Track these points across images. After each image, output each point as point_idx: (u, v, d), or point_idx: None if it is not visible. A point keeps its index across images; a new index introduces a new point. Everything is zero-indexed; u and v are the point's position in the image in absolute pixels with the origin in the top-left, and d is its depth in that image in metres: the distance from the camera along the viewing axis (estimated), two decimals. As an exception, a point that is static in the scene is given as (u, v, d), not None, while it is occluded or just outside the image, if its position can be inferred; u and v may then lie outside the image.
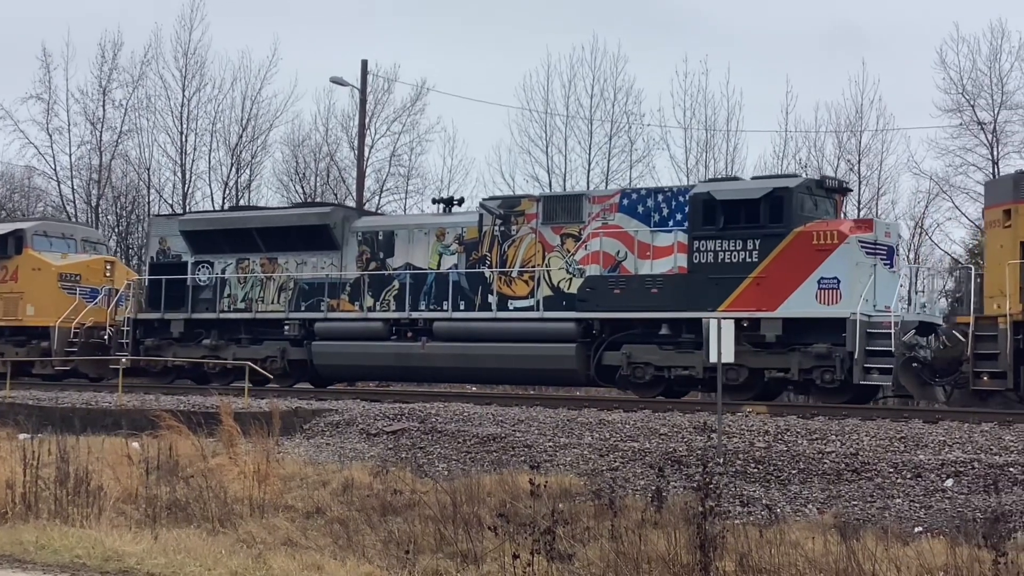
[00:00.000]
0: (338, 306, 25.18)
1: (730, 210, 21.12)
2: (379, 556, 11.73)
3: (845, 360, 19.85)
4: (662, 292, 21.60)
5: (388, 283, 24.78)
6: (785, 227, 20.65)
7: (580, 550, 11.38)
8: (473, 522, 12.43)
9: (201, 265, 27.18)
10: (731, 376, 20.61)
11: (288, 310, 25.66)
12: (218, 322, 26.65)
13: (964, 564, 9.99)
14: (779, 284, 20.56)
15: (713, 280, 21.09)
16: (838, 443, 15.65)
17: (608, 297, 22.17)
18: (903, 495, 13.61)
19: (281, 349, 25.71)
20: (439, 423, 18.63)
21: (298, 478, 16.03)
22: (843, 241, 20.29)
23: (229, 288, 26.74)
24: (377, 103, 43.39)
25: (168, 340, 27.19)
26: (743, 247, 20.95)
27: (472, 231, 24.16)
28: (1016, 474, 13.63)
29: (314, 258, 25.76)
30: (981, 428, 16.08)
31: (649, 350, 21.71)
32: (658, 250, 21.97)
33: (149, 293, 27.75)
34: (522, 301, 23.27)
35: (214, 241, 27.03)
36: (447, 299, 23.91)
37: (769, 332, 20.56)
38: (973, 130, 37.14)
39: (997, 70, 37.19)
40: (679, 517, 11.97)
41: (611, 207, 22.69)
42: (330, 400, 22.02)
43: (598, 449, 16.36)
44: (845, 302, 19.99)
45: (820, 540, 11.35)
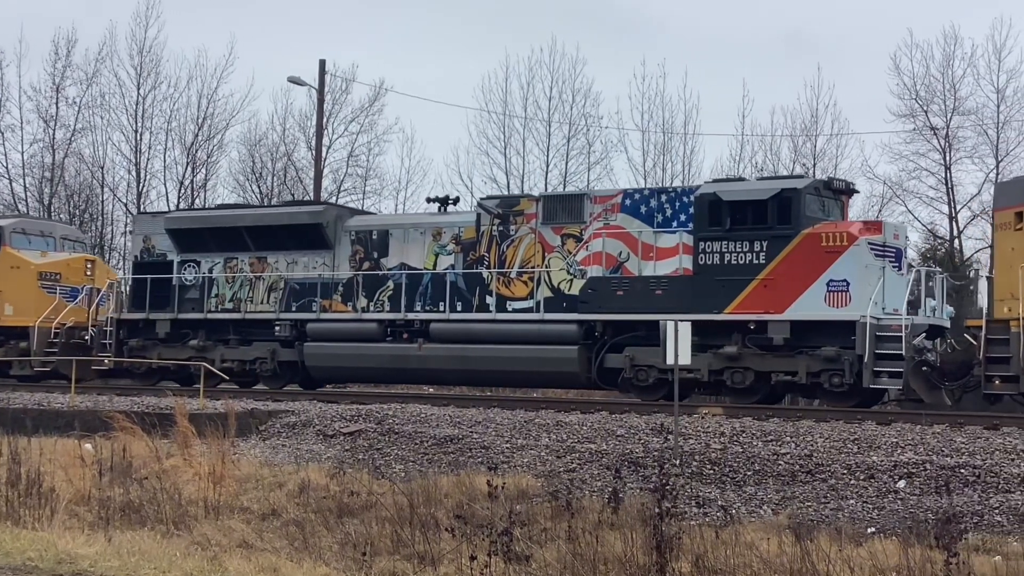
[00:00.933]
0: (330, 307, 24.78)
1: (737, 211, 20.88)
2: (336, 558, 11.69)
3: (854, 364, 19.65)
4: (667, 293, 21.32)
5: (382, 283, 24.39)
6: (793, 228, 20.43)
7: (537, 551, 11.40)
8: (430, 524, 12.42)
9: (187, 264, 26.59)
10: (737, 379, 20.61)
11: (279, 310, 25.22)
12: (205, 322, 26.10)
13: (916, 565, 10.09)
14: (787, 286, 20.32)
15: (719, 282, 20.80)
16: (793, 445, 15.77)
17: (611, 299, 21.87)
18: (856, 496, 13.73)
19: (271, 350, 25.25)
20: (396, 424, 18.58)
21: (254, 480, 15.93)
22: (853, 243, 20.07)
23: (217, 288, 26.21)
24: (335, 103, 43.23)
25: (153, 341, 26.57)
26: (750, 248, 20.70)
27: (470, 231, 23.78)
28: (967, 476, 13.80)
29: (305, 257, 25.32)
30: (933, 430, 16.25)
31: (653, 352, 20.91)
32: (661, 251, 21.68)
33: (133, 293, 27.12)
34: (521, 302, 22.95)
35: (201, 239, 26.41)
36: (444, 300, 23.54)
37: (777, 335, 20.35)
38: (926, 135, 37.53)
39: (950, 76, 37.63)
40: (636, 518, 12.02)
41: (613, 207, 22.39)
42: (286, 401, 21.90)
43: (555, 451, 16.40)
44: (855, 305, 19.76)
45: (775, 541, 11.43)
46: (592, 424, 17.85)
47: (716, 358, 20.78)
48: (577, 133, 41.50)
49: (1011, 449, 14.85)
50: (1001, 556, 11.04)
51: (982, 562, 10.63)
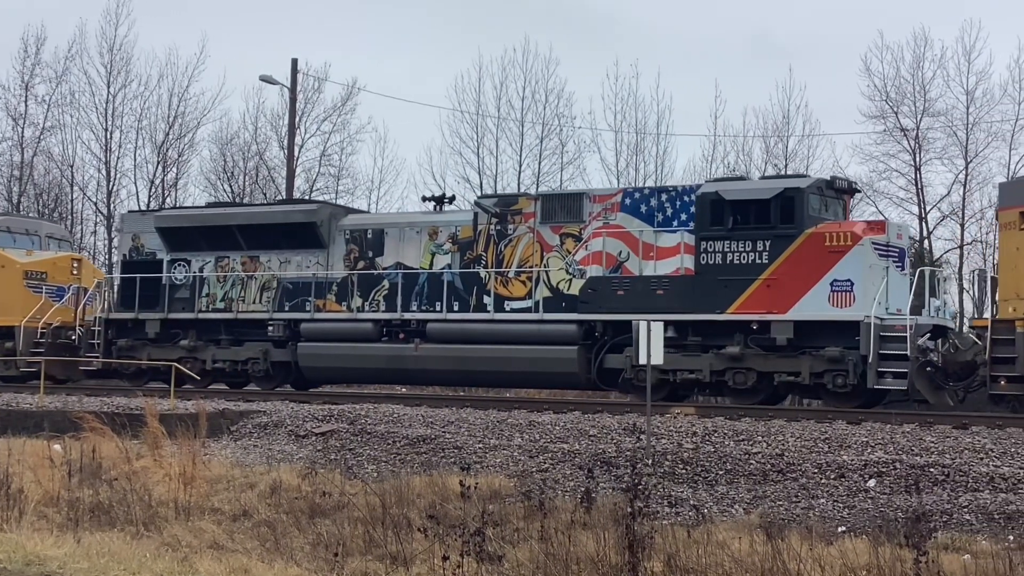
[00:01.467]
0: (324, 306, 24.46)
1: (739, 210, 20.73)
2: (307, 559, 11.65)
3: (858, 364, 19.51)
4: (668, 293, 21.12)
5: (378, 283, 24.09)
6: (796, 228, 20.29)
7: (510, 551, 11.40)
8: (403, 524, 12.39)
9: (177, 263, 26.17)
10: (739, 380, 20.46)
11: (272, 310, 24.87)
12: (196, 322, 25.70)
13: (886, 563, 10.15)
14: (790, 286, 20.17)
15: (722, 281, 20.64)
16: (764, 444, 15.84)
17: (611, 298, 21.65)
18: (827, 495, 13.80)
19: (264, 350, 24.90)
20: (369, 424, 18.54)
21: (225, 480, 15.85)
22: (857, 243, 19.94)
23: (208, 287, 25.82)
24: (307, 102, 43.07)
25: (142, 341, 26.13)
26: (753, 248, 20.55)
27: (467, 230, 23.50)
28: (936, 475, 13.90)
29: (299, 257, 24.98)
30: (903, 429, 16.37)
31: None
32: (662, 250, 21.47)
33: (121, 292, 26.67)
34: (519, 302, 22.69)
35: (192, 238, 26.04)
36: (440, 300, 23.27)
37: (780, 335, 20.18)
38: (896, 136, 37.83)
39: (920, 77, 37.93)
40: (608, 518, 12.04)
41: (613, 206, 22.18)
42: (258, 402, 21.79)
43: (528, 451, 16.40)
44: (859, 305, 19.63)
45: (746, 540, 11.48)
46: (565, 424, 17.87)
47: (718, 359, 20.64)
48: (550, 133, 41.58)
49: (980, 448, 14.98)
50: (970, 555, 11.12)
51: (951, 560, 10.70)
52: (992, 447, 15.02)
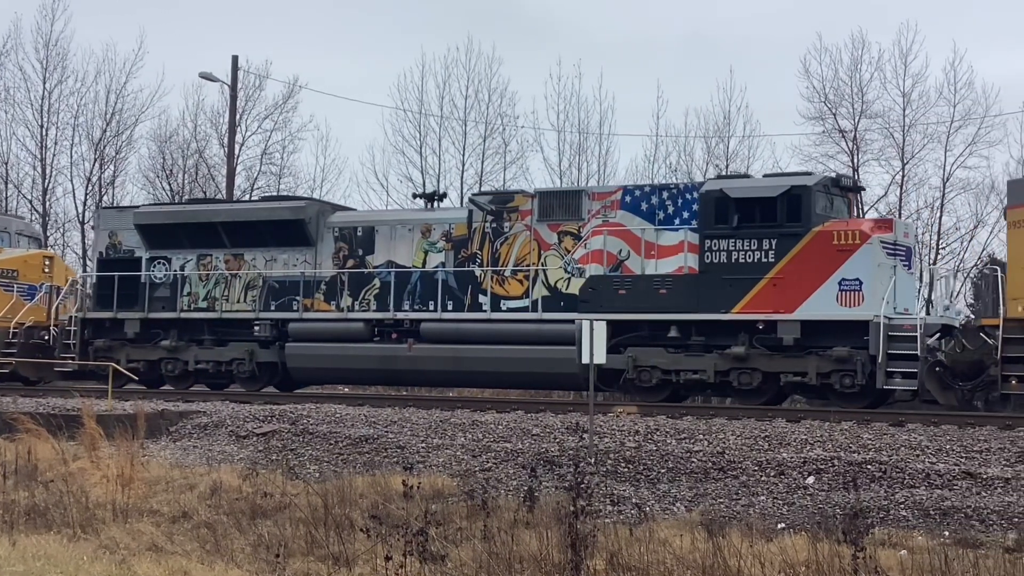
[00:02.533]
0: (312, 305, 24.02)
1: (745, 208, 20.50)
2: (248, 560, 11.56)
3: (866, 364, 19.38)
4: (671, 293, 20.89)
5: (368, 281, 23.70)
6: (803, 226, 20.11)
7: (453, 551, 11.39)
8: (345, 524, 12.33)
9: (157, 261, 25.60)
10: (744, 380, 20.29)
11: (258, 310, 24.41)
12: (178, 322, 25.13)
13: (825, 559, 10.27)
14: (797, 285, 19.99)
15: (727, 280, 20.43)
16: (705, 442, 15.95)
17: (613, 298, 21.39)
18: (767, 492, 13.92)
19: (249, 351, 24.38)
20: (311, 424, 18.42)
21: (164, 482, 15.66)
22: (865, 241, 19.78)
23: (190, 286, 25.25)
24: (248, 100, 42.61)
25: (121, 341, 25.52)
26: (758, 247, 20.35)
27: (461, 227, 23.17)
28: (874, 471, 14.09)
29: (285, 255, 24.49)
30: (841, 427, 16.58)
31: (656, 353, 20.94)
32: (663, 249, 21.30)
33: (98, 291, 26.02)
34: (516, 301, 22.36)
35: (173, 235, 25.43)
36: (434, 299, 22.93)
37: (787, 335, 20.01)
38: (835, 138, 38.26)
39: (858, 80, 38.36)
40: (551, 517, 12.07)
41: (612, 204, 21.95)
42: (198, 402, 21.57)
43: (471, 450, 16.39)
44: (868, 304, 19.49)
45: (688, 538, 11.57)
46: (508, 423, 17.89)
47: (722, 359, 20.48)
48: (493, 132, 41.49)
49: (916, 445, 15.22)
50: (907, 550, 11.28)
51: (888, 556, 10.85)
52: (928, 444, 15.26)
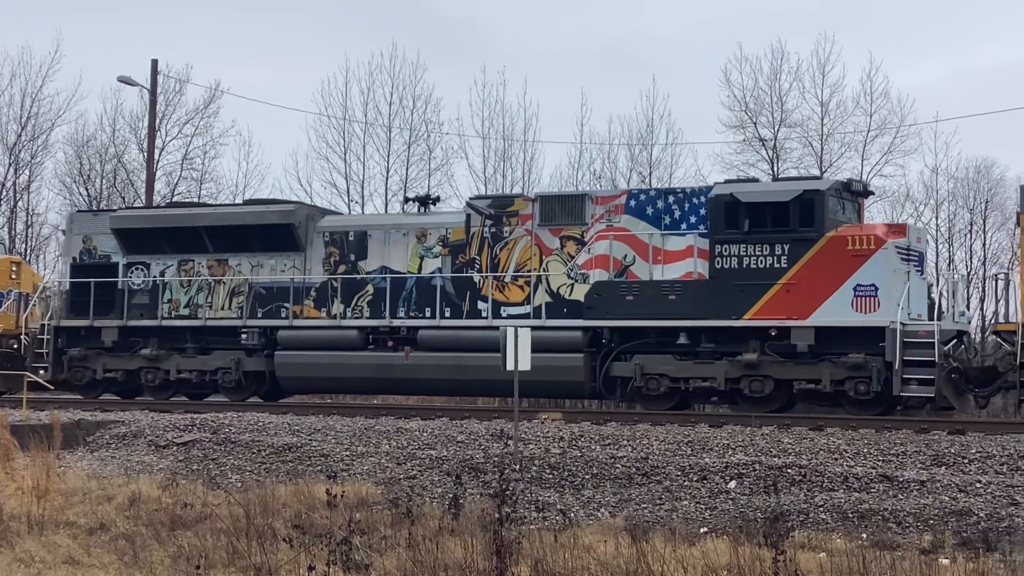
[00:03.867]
0: (302, 312, 23.39)
1: (756, 213, 20.17)
2: (168, 572, 11.38)
3: (882, 371, 19.13)
4: (680, 299, 20.56)
5: (361, 288, 23.13)
6: (816, 231, 19.84)
7: (377, 559, 11.32)
8: (267, 534, 12.19)
9: (135, 267, 24.80)
10: (755, 388, 19.99)
11: (245, 317, 23.74)
12: (158, 330, 24.35)
13: (746, 563, 10.38)
14: (811, 291, 19.70)
15: (738, 287, 20.11)
16: (629, 448, 16.07)
17: (619, 304, 20.95)
18: (690, 497, 14.06)
19: (235, 360, 23.67)
20: (232, 433, 18.22)
21: (81, 493, 15.37)
22: (881, 247, 19.55)
23: (170, 292, 24.49)
24: (168, 104, 42.05)
25: (97, 350, 24.65)
26: (771, 252, 19.99)
27: (458, 232, 22.66)
28: (794, 475, 14.29)
29: (272, 260, 23.83)
30: (762, 432, 16.81)
31: (664, 360, 20.60)
32: (670, 254, 20.97)
33: (71, 298, 25.13)
34: (517, 308, 21.86)
35: (152, 240, 24.65)
36: (431, 305, 22.40)
37: (800, 341, 19.72)
38: (755, 146, 38.88)
39: (777, 89, 39.04)
40: (476, 524, 12.06)
41: (616, 208, 21.59)
42: (116, 411, 21.21)
43: (396, 457, 16.33)
44: (883, 310, 19.23)
45: (612, 543, 11.63)
46: (433, 430, 17.85)
47: (733, 366, 20.16)
48: (418, 139, 41.44)
49: (834, 449, 15.48)
50: (826, 553, 11.44)
51: (808, 559, 10.99)
52: (846, 448, 15.53)
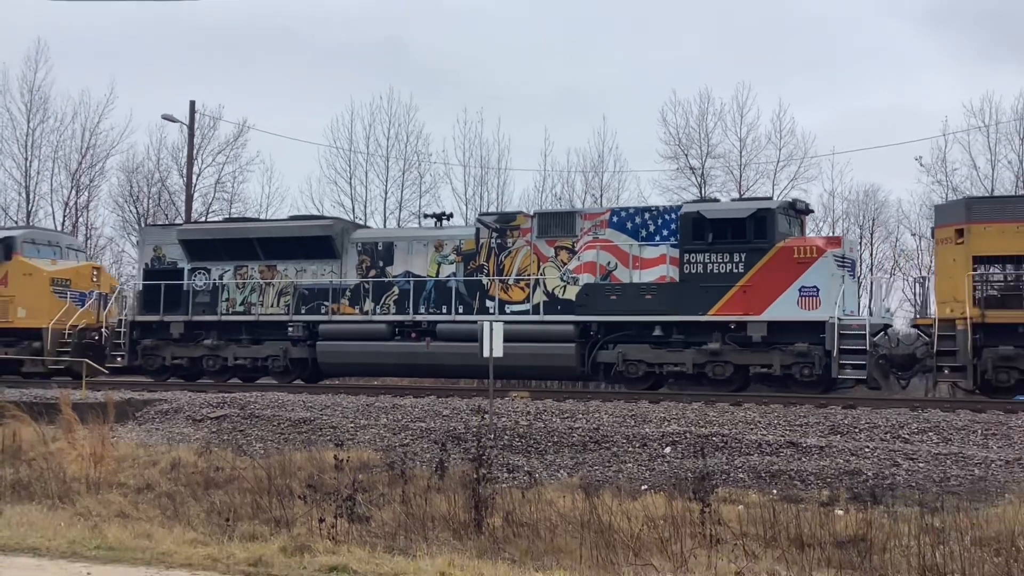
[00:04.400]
0: (338, 309, 23.22)
1: (718, 227, 20.27)
2: (202, 524, 11.30)
3: (822, 358, 19.29)
4: (656, 298, 20.54)
5: (388, 289, 22.95)
6: (768, 242, 19.95)
7: (376, 513, 11.29)
8: (285, 493, 12.13)
9: (198, 271, 24.74)
10: (718, 371, 20.05)
11: (291, 313, 23.54)
12: (218, 324, 24.28)
13: (679, 514, 10.42)
14: (763, 292, 19.80)
15: (703, 288, 20.17)
16: (584, 420, 16.08)
17: (605, 302, 20.92)
18: (633, 460, 14.09)
19: (283, 349, 23.54)
20: (257, 409, 18.09)
21: (130, 459, 15.24)
22: (821, 255, 19.66)
23: (228, 292, 24.38)
24: (204, 137, 41.62)
25: (166, 340, 24.63)
26: (730, 259, 20.13)
27: (469, 243, 22.61)
28: (718, 442, 14.34)
29: (314, 266, 23.72)
30: (692, 407, 16.83)
31: (641, 349, 20.61)
32: (645, 261, 20.97)
33: (144, 297, 25.13)
34: (518, 305, 21.79)
35: (212, 249, 24.67)
36: (447, 303, 22.31)
37: (755, 333, 19.81)
38: (687, 174, 38.97)
39: (704, 127, 39.15)
40: (458, 483, 12.04)
41: (602, 223, 21.58)
42: (160, 391, 21.01)
43: (392, 428, 16.28)
44: (824, 308, 19.36)
45: (569, 498, 11.65)
46: (423, 406, 17.79)
47: (699, 354, 20.21)
48: (410, 167, 41.29)
49: (750, 421, 15.55)
50: (743, 505, 11.51)
51: (729, 510, 11.05)
52: (760, 419, 15.59)
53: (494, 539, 10.05)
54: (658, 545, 9.45)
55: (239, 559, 9.63)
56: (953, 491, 11.88)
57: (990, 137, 35.68)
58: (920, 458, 13.21)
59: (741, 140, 38.63)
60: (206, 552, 9.90)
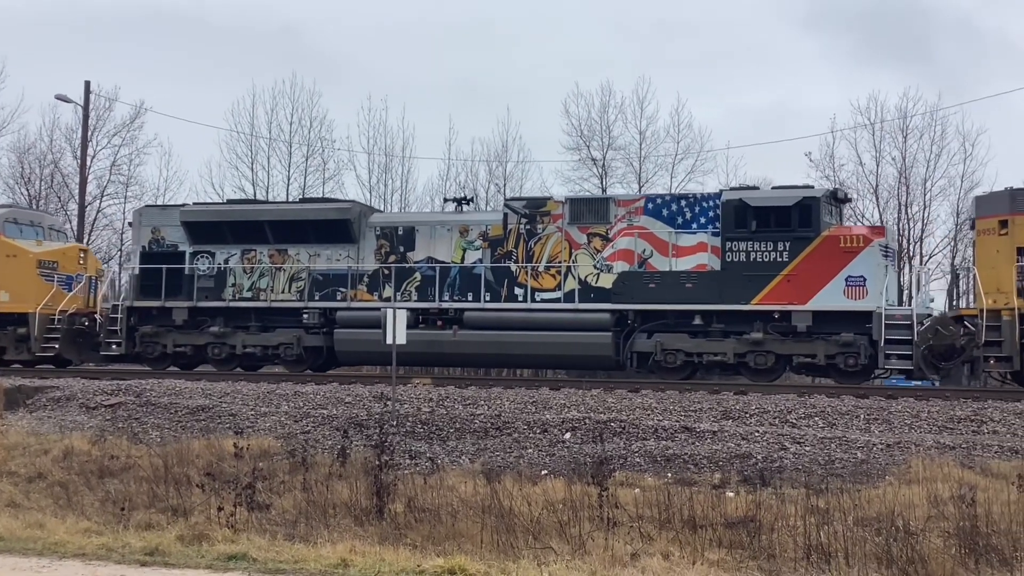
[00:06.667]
0: (356, 296, 22.08)
1: (762, 215, 19.87)
2: (97, 513, 10.98)
3: (867, 348, 19.08)
4: (696, 287, 20.06)
5: (410, 275, 21.92)
6: (813, 231, 19.58)
7: (277, 500, 11.14)
8: (183, 481, 11.87)
9: (200, 255, 23.23)
10: (759, 361, 19.74)
11: (306, 299, 22.31)
12: (225, 310, 22.85)
13: (578, 497, 10.56)
14: (809, 281, 19.46)
15: (746, 276, 19.76)
16: (486, 407, 16.11)
17: (643, 291, 20.33)
18: (534, 446, 14.17)
19: (297, 337, 22.29)
20: (153, 396, 17.60)
21: (21, 447, 14.68)
22: (868, 244, 19.40)
23: (234, 278, 22.95)
24: (99, 119, 40.28)
25: (167, 327, 23.11)
26: (774, 248, 19.73)
27: (497, 228, 21.69)
28: (616, 428, 14.51)
29: (328, 250, 22.49)
30: (591, 393, 17.02)
31: (680, 338, 20.11)
32: (682, 249, 20.48)
33: (142, 281, 23.41)
34: (548, 293, 21.04)
35: (218, 232, 23.15)
36: (472, 291, 21.41)
37: (800, 323, 19.49)
38: (588, 165, 39.39)
39: (606, 120, 39.63)
40: (360, 470, 11.97)
41: (636, 210, 20.96)
42: (52, 378, 20.24)
43: (293, 416, 16.05)
44: (871, 298, 19.12)
45: (471, 484, 11.68)
46: (325, 393, 17.59)
47: (740, 343, 19.84)
48: (314, 153, 40.66)
49: (647, 407, 15.80)
50: (640, 489, 11.71)
51: (625, 494, 11.23)
52: (656, 405, 15.83)
53: (396, 525, 10.03)
54: (557, 529, 9.57)
55: (135, 548, 9.40)
56: (837, 473, 12.33)
57: (875, 135, 37.07)
58: (807, 442, 13.66)
59: (641, 133, 39.21)
60: (101, 542, 9.63)
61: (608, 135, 39.31)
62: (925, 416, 14.94)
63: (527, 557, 8.84)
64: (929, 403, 15.77)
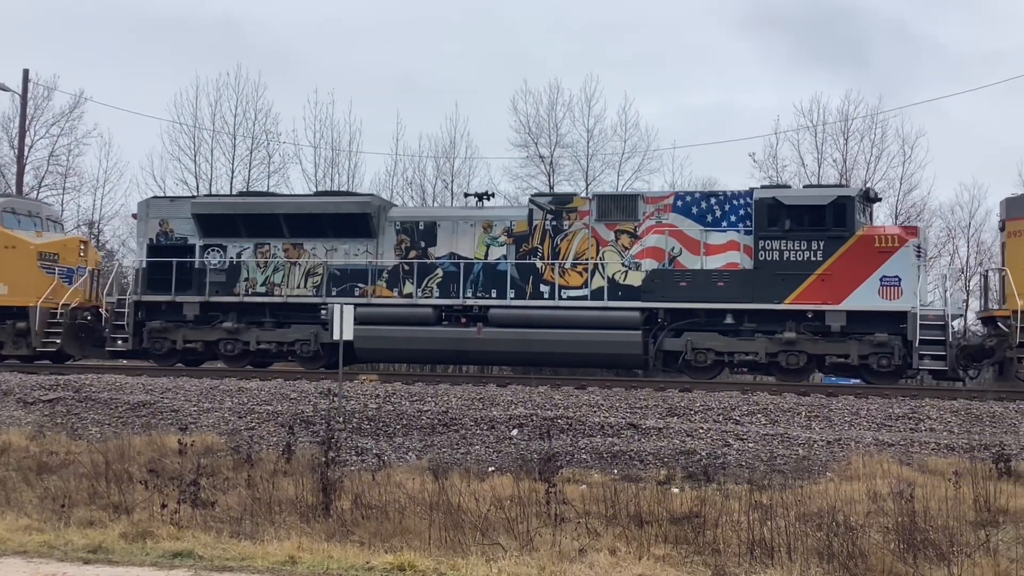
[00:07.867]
0: (375, 292, 21.61)
1: (796, 214, 19.73)
2: (36, 510, 10.73)
3: (900, 348, 19.03)
4: (728, 285, 19.85)
5: (432, 271, 21.50)
6: (848, 230, 19.47)
7: (221, 497, 11.00)
8: (124, 478, 11.65)
9: (211, 248, 22.56)
10: (791, 361, 19.58)
11: (323, 295, 21.76)
12: (238, 305, 22.20)
13: (525, 494, 10.60)
14: (843, 280, 19.33)
15: (779, 275, 19.61)
16: (433, 403, 16.11)
17: (673, 289, 20.11)
18: (481, 443, 14.23)
19: (314, 333, 21.68)
20: (93, 392, 17.29)
21: (-46, 444, 14.29)
22: (903, 244, 19.34)
23: (247, 272, 22.34)
24: (37, 108, 39.46)
25: (177, 323, 22.40)
26: (808, 247, 19.59)
27: (521, 224, 21.35)
28: (563, 424, 14.64)
29: (346, 245, 21.97)
30: (538, 390, 17.12)
31: (711, 337, 19.92)
32: (712, 247, 20.26)
33: (149, 275, 22.65)
34: (575, 291, 20.71)
35: (231, 225, 22.51)
36: (496, 288, 21.05)
37: (834, 323, 19.36)
38: (536, 162, 39.50)
39: (554, 117, 39.78)
40: (306, 467, 11.87)
41: (665, 207, 20.72)
42: (-13, 373, 19.78)
43: (238, 412, 15.88)
44: (906, 298, 19.06)
45: (418, 480, 11.67)
46: (270, 389, 17.42)
47: (772, 343, 19.68)
48: (259, 146, 40.19)
49: (594, 404, 15.95)
50: (587, 485, 11.81)
51: (572, 490, 11.31)
52: (603, 402, 16.00)
53: (343, 522, 9.97)
54: (505, 525, 9.60)
55: (78, 545, 9.22)
56: (779, 469, 12.56)
57: (817, 136, 37.73)
58: (749, 439, 13.88)
59: (588, 131, 39.42)
60: (42, 539, 9.43)
61: (556, 132, 39.50)
62: (864, 414, 15.28)
63: (476, 553, 8.85)
64: (868, 401, 16.14)
